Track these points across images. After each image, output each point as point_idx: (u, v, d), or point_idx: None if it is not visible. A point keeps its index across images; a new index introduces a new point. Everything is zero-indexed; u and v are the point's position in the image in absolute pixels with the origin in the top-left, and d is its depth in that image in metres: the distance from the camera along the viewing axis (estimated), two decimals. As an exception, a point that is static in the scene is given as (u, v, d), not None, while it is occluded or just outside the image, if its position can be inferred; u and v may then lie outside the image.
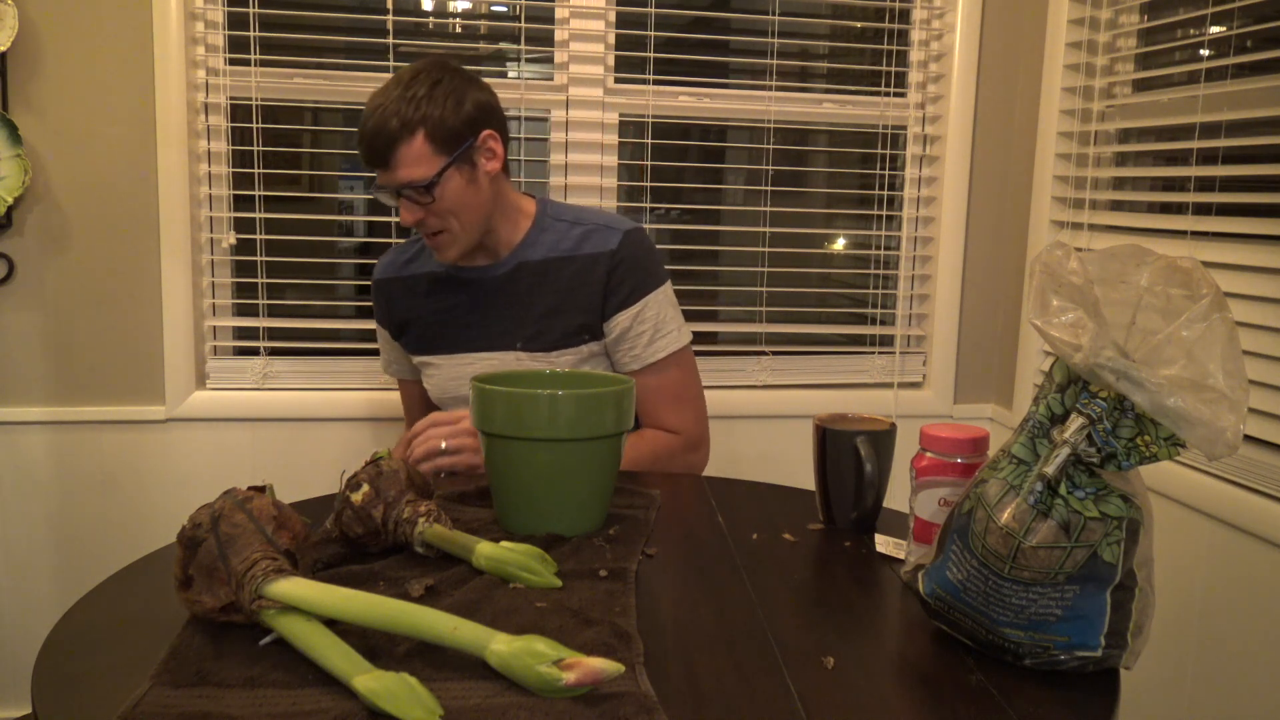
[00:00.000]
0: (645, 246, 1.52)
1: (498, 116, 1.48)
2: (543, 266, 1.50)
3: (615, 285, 1.49)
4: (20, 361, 1.98)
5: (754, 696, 0.75)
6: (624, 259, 1.49)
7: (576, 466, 1.05)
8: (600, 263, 1.48)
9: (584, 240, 1.50)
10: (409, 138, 1.39)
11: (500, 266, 1.52)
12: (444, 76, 1.42)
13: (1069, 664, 0.80)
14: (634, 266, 1.49)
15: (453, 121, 1.41)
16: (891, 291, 2.31)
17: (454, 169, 1.41)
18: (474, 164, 1.44)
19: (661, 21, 2.15)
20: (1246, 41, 1.70)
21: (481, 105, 1.45)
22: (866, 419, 1.18)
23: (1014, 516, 0.77)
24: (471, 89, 1.44)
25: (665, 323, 1.52)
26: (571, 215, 1.54)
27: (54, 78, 1.92)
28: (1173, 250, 1.51)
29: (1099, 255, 0.80)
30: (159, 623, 0.85)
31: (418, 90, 1.40)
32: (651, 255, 1.53)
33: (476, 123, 1.43)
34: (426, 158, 1.40)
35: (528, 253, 1.51)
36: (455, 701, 0.70)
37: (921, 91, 2.25)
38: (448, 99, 1.41)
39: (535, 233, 1.52)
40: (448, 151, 1.41)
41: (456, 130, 1.41)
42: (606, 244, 1.49)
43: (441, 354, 1.56)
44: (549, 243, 1.51)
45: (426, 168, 1.40)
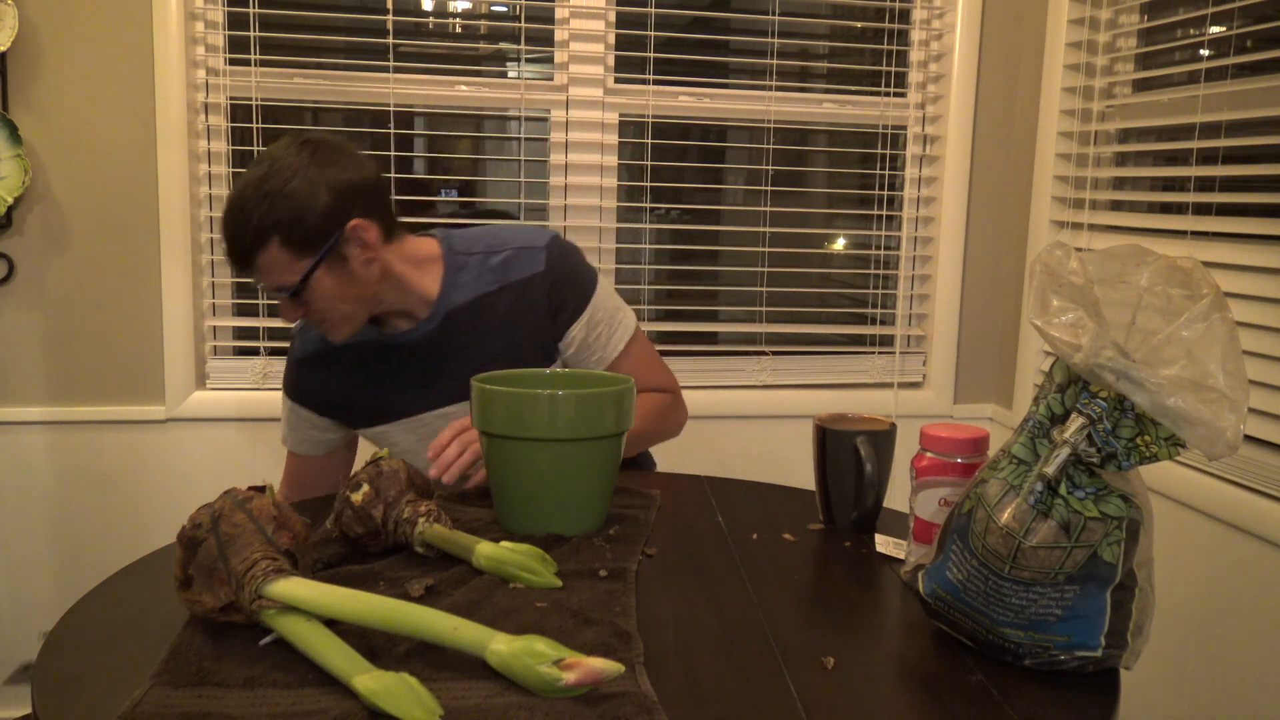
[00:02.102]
0: (569, 254, 1.45)
1: (369, 195, 1.32)
2: (474, 308, 1.39)
3: (559, 304, 1.41)
4: (20, 361, 1.98)
5: (754, 696, 0.75)
6: (558, 276, 1.41)
7: (576, 466, 1.05)
8: (535, 286, 1.40)
9: (506, 268, 1.41)
10: (264, 247, 1.26)
11: (429, 322, 1.39)
12: (299, 166, 1.27)
13: (1069, 664, 0.80)
14: (569, 279, 1.43)
15: (310, 221, 1.26)
16: (891, 291, 2.31)
17: (322, 269, 1.28)
18: (344, 257, 1.29)
19: (661, 21, 2.15)
20: (1246, 41, 1.70)
21: (343, 191, 1.28)
22: (866, 419, 1.18)
23: (1014, 516, 0.77)
24: (334, 173, 1.28)
25: (614, 314, 1.46)
26: (482, 244, 1.43)
27: (54, 78, 1.92)
28: (1173, 250, 1.51)
29: (1099, 255, 0.80)
30: (159, 623, 0.85)
31: (269, 186, 1.25)
32: (578, 259, 1.47)
33: (339, 214, 1.27)
34: (287, 264, 1.27)
35: (453, 298, 1.39)
36: (455, 701, 0.70)
37: (921, 91, 2.25)
38: (301, 195, 1.25)
39: (451, 276, 1.40)
40: (310, 253, 1.27)
41: (316, 230, 1.26)
42: (533, 266, 1.41)
43: (396, 420, 1.45)
44: (470, 282, 1.40)
45: (289, 274, 1.27)
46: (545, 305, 1.41)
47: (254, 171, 1.28)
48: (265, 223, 1.25)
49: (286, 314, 1.34)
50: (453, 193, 2.22)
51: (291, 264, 1.27)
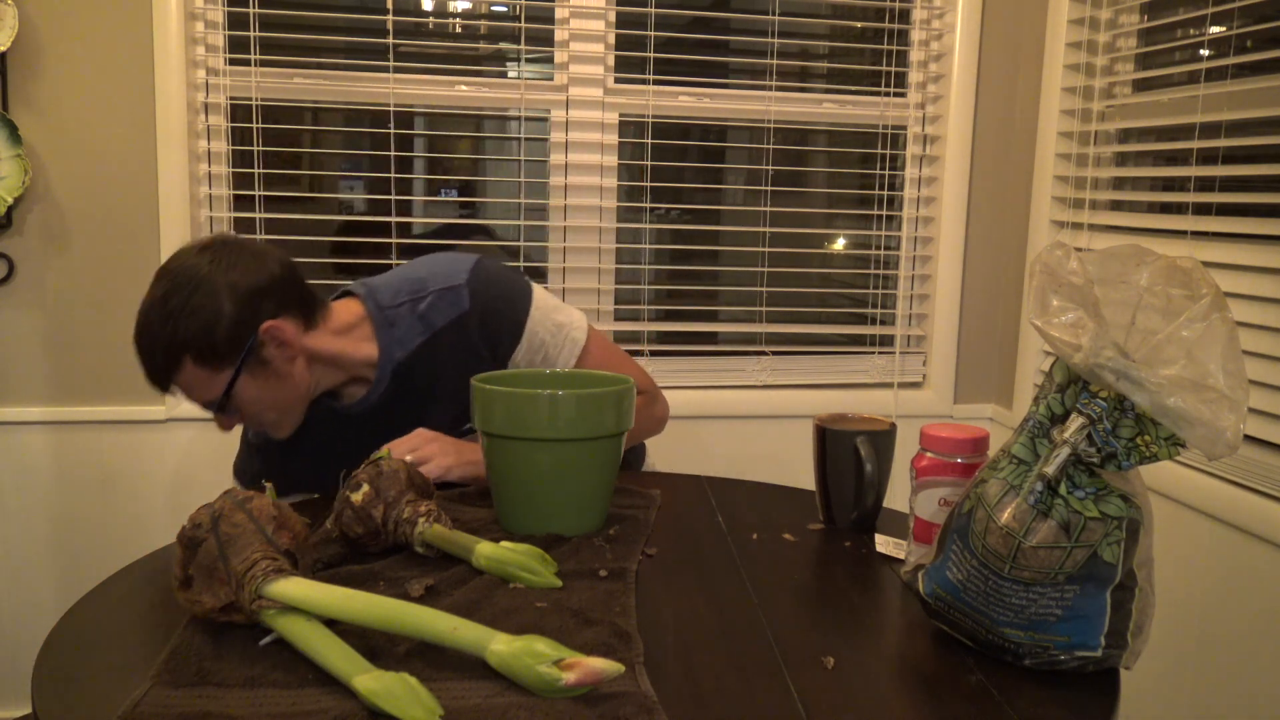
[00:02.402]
0: (492, 281, 1.37)
1: (278, 292, 1.26)
2: (413, 361, 1.34)
3: (494, 336, 1.35)
4: (20, 361, 1.98)
5: (754, 696, 0.75)
6: (483, 310, 1.35)
7: (576, 466, 1.05)
8: (465, 327, 1.34)
9: (433, 314, 1.34)
10: (178, 367, 1.22)
11: (380, 384, 1.34)
12: (199, 281, 1.21)
13: (1069, 664, 0.80)
14: (498, 310, 1.36)
15: (220, 334, 1.21)
16: (891, 291, 2.31)
17: (243, 378, 1.24)
18: (264, 361, 1.24)
19: (661, 21, 2.15)
20: (1246, 41, 1.70)
21: (249, 295, 1.23)
22: (866, 419, 1.18)
23: (1014, 516, 0.77)
24: (234, 276, 1.23)
25: (557, 332, 1.40)
26: (405, 293, 1.36)
27: (54, 78, 1.92)
28: (1173, 250, 1.51)
29: (1099, 255, 0.80)
30: (159, 623, 0.85)
31: (171, 306, 1.20)
32: (503, 283, 1.38)
33: (249, 321, 1.22)
34: (205, 380, 1.23)
35: (394, 355, 1.34)
36: (455, 701, 0.70)
37: (921, 91, 2.25)
38: (205, 311, 1.20)
39: (384, 335, 1.33)
40: (227, 365, 1.22)
41: (227, 341, 1.21)
42: (459, 306, 1.34)
43: None
44: (403, 336, 1.34)
45: (211, 389, 1.24)
46: (481, 342, 1.35)
47: (156, 290, 1.23)
48: (174, 344, 1.20)
49: (221, 425, 1.29)
50: (453, 193, 2.22)
51: (210, 379, 1.23)
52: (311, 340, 1.29)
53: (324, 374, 1.32)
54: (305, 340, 1.28)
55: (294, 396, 1.29)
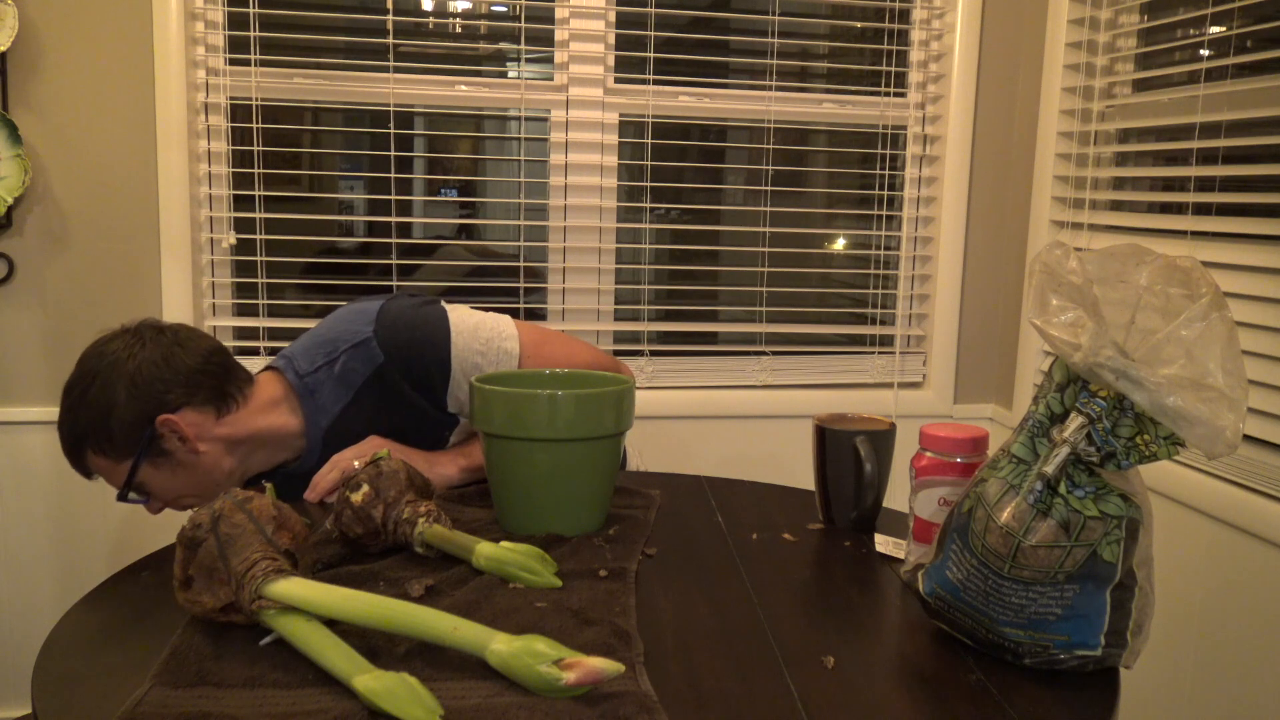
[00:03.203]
0: (401, 326, 1.32)
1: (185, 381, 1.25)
2: (345, 419, 1.32)
3: (421, 381, 1.31)
4: (20, 361, 1.98)
5: (754, 696, 0.75)
6: (401, 359, 1.30)
7: (576, 466, 1.05)
8: (387, 379, 1.31)
9: (349, 375, 1.31)
10: (82, 455, 1.25)
11: (311, 454, 1.33)
12: (100, 371, 1.23)
13: (1069, 663, 0.80)
14: (414, 353, 1.31)
15: (114, 427, 1.22)
16: (891, 291, 2.31)
17: (145, 467, 1.25)
18: (165, 452, 1.25)
19: (661, 21, 2.15)
20: (1246, 41, 1.70)
21: (147, 388, 1.23)
22: (866, 419, 1.18)
23: (1014, 516, 0.77)
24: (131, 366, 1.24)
25: (487, 348, 1.33)
26: (323, 355, 1.33)
27: (54, 78, 1.92)
28: (1173, 250, 1.51)
29: (1099, 255, 0.80)
30: (159, 623, 0.85)
31: (73, 398, 1.24)
32: (414, 324, 1.32)
33: (144, 414, 1.23)
34: (109, 468, 1.25)
35: (319, 422, 1.32)
36: (455, 701, 0.70)
37: (921, 91, 2.25)
38: (98, 405, 1.22)
39: (307, 405, 1.32)
40: (126, 455, 1.24)
41: (122, 434, 1.23)
42: (373, 360, 1.30)
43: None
44: (325, 403, 1.32)
45: (115, 476, 1.26)
46: (410, 388, 1.31)
47: (70, 378, 1.26)
48: (75, 434, 1.24)
49: (149, 508, 1.31)
50: (453, 193, 2.22)
51: (112, 469, 1.25)
52: (225, 428, 1.28)
53: (251, 453, 1.32)
54: (217, 429, 1.27)
55: (209, 481, 1.29)
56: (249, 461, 1.32)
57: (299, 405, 1.32)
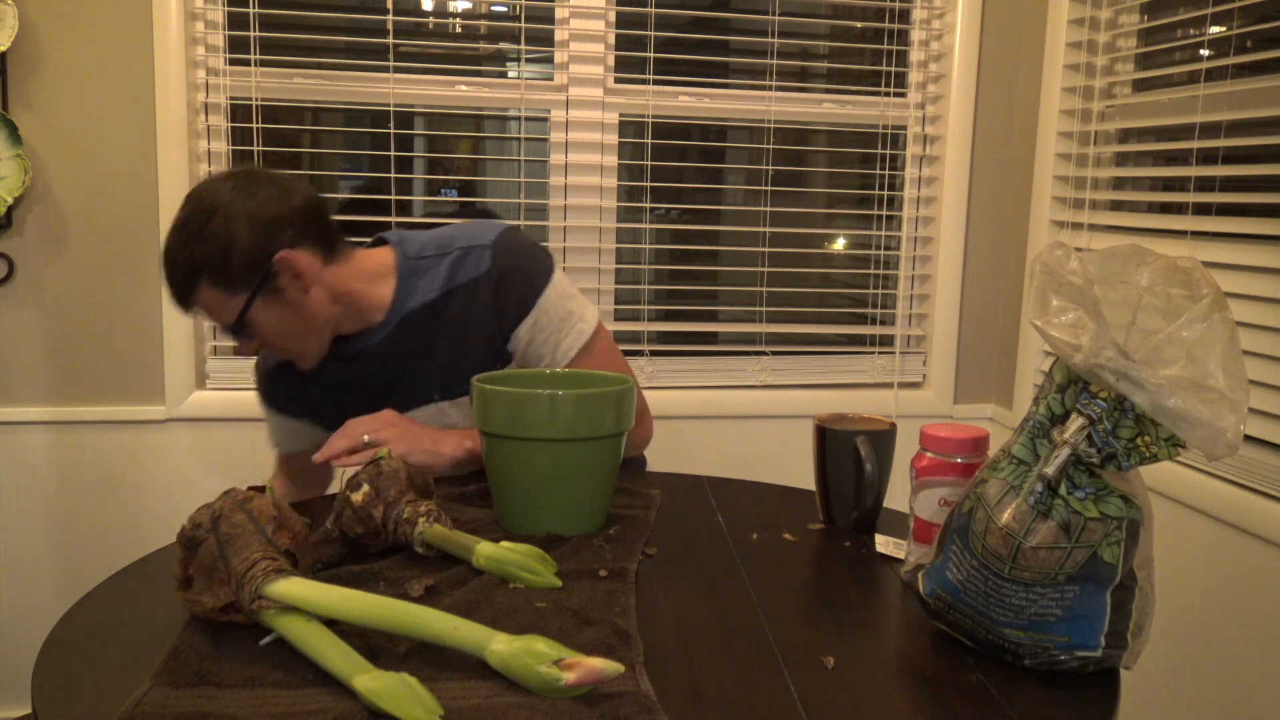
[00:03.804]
0: (518, 251, 1.39)
1: (298, 223, 1.30)
2: (426, 312, 1.37)
3: (503, 305, 1.36)
4: (20, 361, 1.98)
5: (754, 696, 0.75)
6: (501, 275, 1.36)
7: (576, 466, 1.05)
8: (480, 288, 1.36)
9: (456, 269, 1.37)
10: (195, 289, 1.27)
11: (382, 329, 1.37)
12: (220, 205, 1.25)
13: (1069, 664, 0.80)
14: (514, 278, 1.36)
15: (236, 259, 1.25)
16: (891, 291, 2.31)
17: (258, 303, 1.28)
18: (278, 289, 1.28)
19: (661, 21, 2.15)
20: (1246, 41, 1.70)
21: (266, 225, 1.26)
22: (866, 419, 1.18)
23: (1014, 517, 0.77)
24: (253, 205, 1.26)
25: (567, 319, 1.39)
26: (435, 246, 1.40)
27: (54, 78, 1.92)
28: (1173, 250, 1.51)
29: (1099, 255, 0.80)
30: (159, 623, 0.85)
31: (192, 229, 1.25)
32: (528, 256, 1.39)
33: (264, 251, 1.26)
34: (221, 302, 1.28)
35: (404, 305, 1.37)
36: (455, 701, 0.70)
37: (921, 91, 2.25)
38: (222, 236, 1.25)
39: (405, 282, 1.37)
40: (242, 290, 1.27)
41: (241, 268, 1.26)
42: (480, 267, 1.36)
43: None
44: (423, 286, 1.37)
45: (226, 312, 1.28)
46: (492, 307, 1.36)
47: (179, 215, 1.27)
48: (191, 266, 1.25)
49: (241, 349, 1.34)
50: (453, 193, 2.22)
51: (225, 303, 1.27)
52: (330, 276, 1.32)
53: (346, 312, 1.36)
54: (324, 274, 1.31)
55: (310, 328, 1.32)
56: (341, 320, 1.36)
57: (395, 282, 1.37)
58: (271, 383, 1.49)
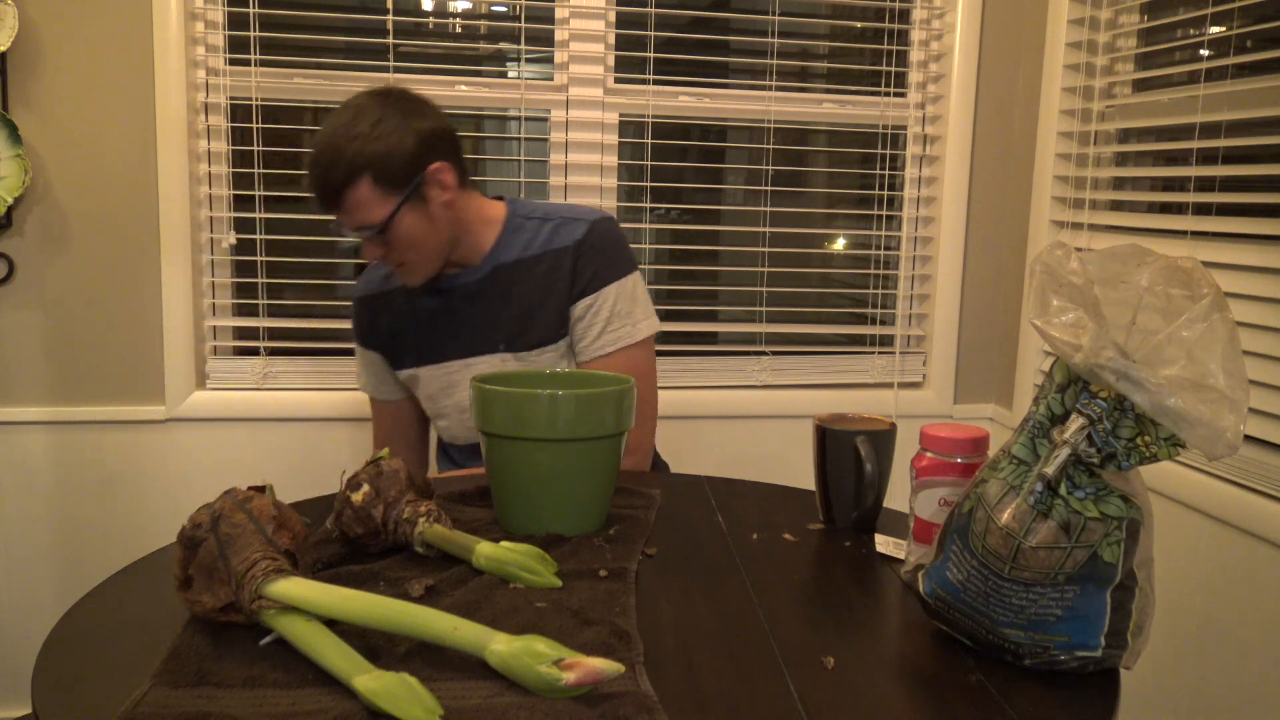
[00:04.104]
0: (611, 236, 1.49)
1: (447, 142, 1.43)
2: (516, 267, 1.48)
3: (578, 274, 1.46)
4: (20, 361, 1.98)
5: (754, 696, 0.75)
6: (588, 248, 1.46)
7: (576, 466, 1.05)
8: (567, 254, 1.46)
9: (553, 235, 1.48)
10: (354, 184, 1.35)
11: (475, 272, 1.49)
12: (386, 112, 1.36)
13: (1069, 664, 0.80)
14: (596, 255, 1.46)
15: (397, 162, 1.36)
16: (891, 291, 2.31)
17: (405, 208, 1.38)
18: (425, 199, 1.40)
19: (661, 21, 2.15)
20: (1246, 41, 1.70)
21: (427, 137, 1.39)
22: (866, 419, 1.18)
23: (1014, 516, 0.77)
24: (416, 120, 1.38)
25: (619, 316, 1.47)
26: (541, 212, 1.51)
27: (54, 78, 1.92)
28: (1173, 250, 1.51)
29: (1099, 255, 0.80)
30: (159, 623, 0.85)
31: (360, 129, 1.34)
32: (617, 245, 1.49)
33: (423, 157, 1.38)
34: (375, 201, 1.36)
35: (500, 255, 1.48)
36: (455, 701, 0.70)
37: (921, 91, 2.25)
38: (390, 137, 1.35)
39: (506, 235, 1.49)
40: (396, 192, 1.37)
41: (402, 170, 1.36)
42: (573, 235, 1.47)
43: (427, 365, 1.54)
44: (521, 243, 1.48)
45: (376, 211, 1.37)
46: (570, 274, 1.45)
47: (342, 117, 1.36)
48: (357, 162, 1.34)
49: (369, 252, 1.41)
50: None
51: (378, 202, 1.36)
52: (462, 200, 1.45)
53: (460, 239, 1.46)
54: (459, 197, 1.44)
55: (436, 242, 1.42)
56: (455, 246, 1.46)
57: (499, 233, 1.49)
58: (359, 311, 1.60)
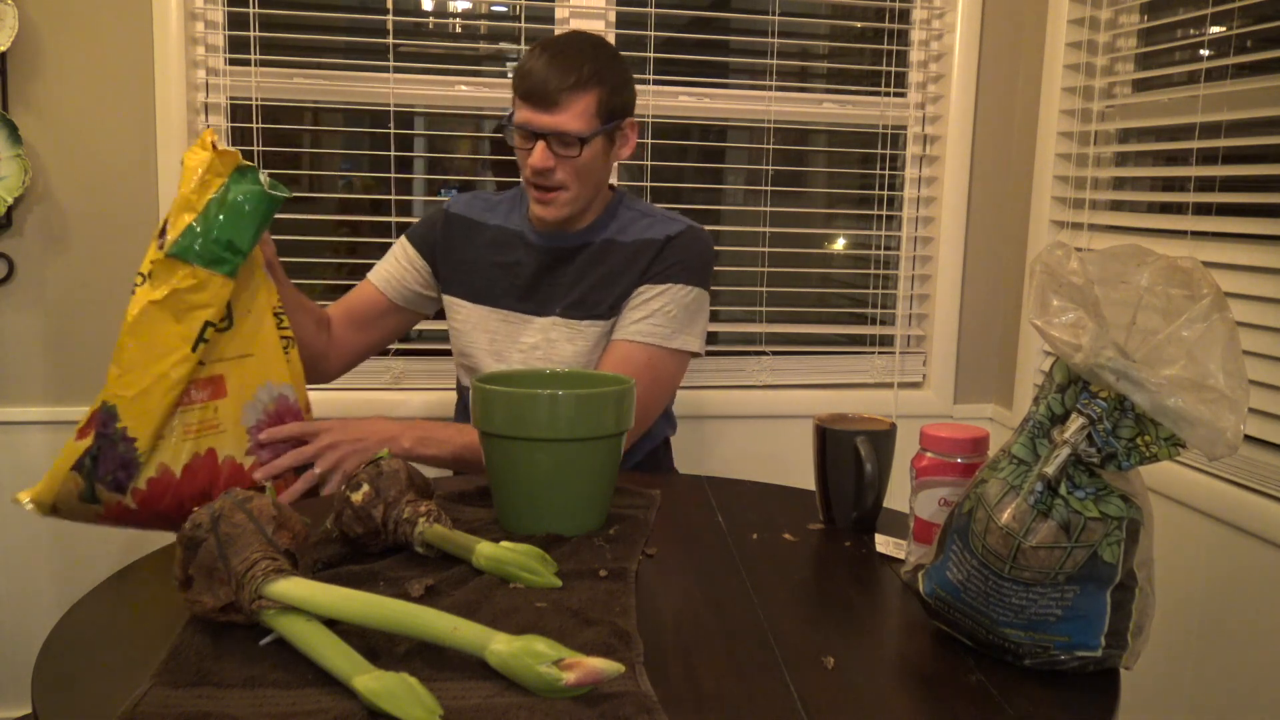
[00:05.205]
0: (701, 246, 1.56)
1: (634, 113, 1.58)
2: (604, 246, 1.55)
3: (657, 262, 1.52)
4: (20, 361, 1.98)
5: (754, 696, 0.75)
6: (677, 245, 1.53)
7: (576, 466, 1.05)
8: (656, 245, 1.53)
9: (650, 227, 1.55)
10: (584, 91, 1.44)
11: (569, 239, 1.56)
12: (619, 57, 1.53)
13: (1069, 664, 0.80)
14: (681, 253, 1.53)
15: (620, 97, 1.50)
16: (891, 291, 2.31)
17: (602, 137, 1.48)
18: (613, 141, 1.53)
19: (661, 21, 2.15)
20: (1246, 41, 1.70)
21: (634, 97, 1.56)
22: (866, 419, 1.18)
23: (1014, 516, 0.77)
24: (633, 80, 1.55)
25: (662, 314, 1.51)
26: (643, 208, 1.60)
27: (54, 78, 1.92)
28: (1173, 250, 1.50)
29: (1099, 255, 0.80)
30: (159, 623, 0.85)
31: (602, 55, 1.48)
32: (702, 256, 1.55)
33: (629, 108, 1.53)
34: (589, 116, 1.45)
35: (596, 233, 1.56)
36: (455, 701, 0.70)
37: (921, 91, 2.25)
38: (622, 75, 1.51)
39: (607, 217, 1.57)
40: (604, 119, 1.47)
41: (619, 105, 1.50)
42: (668, 231, 1.54)
43: (484, 305, 1.59)
44: (616, 227, 1.57)
45: (585, 125, 1.45)
46: (650, 261, 1.52)
47: (583, 37, 1.51)
48: (598, 74, 1.45)
49: (543, 159, 1.45)
50: (453, 192, 2.22)
51: (591, 118, 1.46)
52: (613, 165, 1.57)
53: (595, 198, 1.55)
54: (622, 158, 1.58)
55: (595, 185, 1.52)
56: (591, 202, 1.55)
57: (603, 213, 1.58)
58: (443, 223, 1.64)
